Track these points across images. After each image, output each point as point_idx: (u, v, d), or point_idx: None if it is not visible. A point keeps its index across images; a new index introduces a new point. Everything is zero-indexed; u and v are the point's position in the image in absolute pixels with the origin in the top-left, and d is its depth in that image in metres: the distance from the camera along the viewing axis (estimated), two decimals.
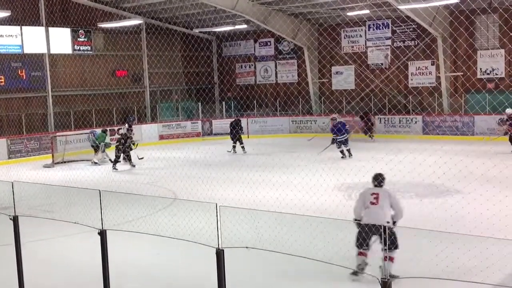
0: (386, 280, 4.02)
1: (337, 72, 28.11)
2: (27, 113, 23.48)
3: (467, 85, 22.97)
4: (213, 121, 27.88)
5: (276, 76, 30.25)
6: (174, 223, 8.93)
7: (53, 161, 19.66)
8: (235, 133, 21.20)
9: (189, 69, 29.32)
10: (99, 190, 5.23)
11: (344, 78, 27.93)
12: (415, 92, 25.27)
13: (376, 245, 6.85)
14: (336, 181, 13.67)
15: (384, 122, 25.20)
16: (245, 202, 11.19)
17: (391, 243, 6.65)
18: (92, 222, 5.13)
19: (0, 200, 8.94)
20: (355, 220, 7.61)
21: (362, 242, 7.21)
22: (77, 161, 20.04)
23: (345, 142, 19.03)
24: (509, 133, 18.73)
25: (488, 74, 23.72)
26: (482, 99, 22.96)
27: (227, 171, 16.53)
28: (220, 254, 4.62)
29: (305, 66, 28.02)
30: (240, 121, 22.09)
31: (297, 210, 10.44)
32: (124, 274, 6.62)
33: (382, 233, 6.07)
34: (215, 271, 4.68)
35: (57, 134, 21.91)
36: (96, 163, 19.44)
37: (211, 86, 31.65)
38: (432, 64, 25.13)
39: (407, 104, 25.48)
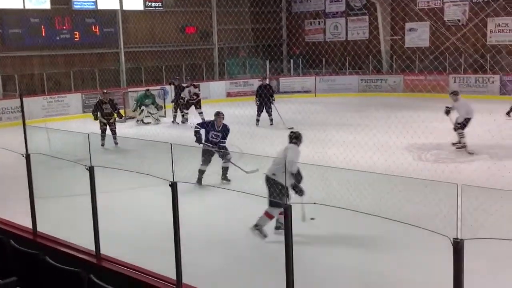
0: (458, 240, 3.67)
1: (410, 29, 27.03)
2: (100, 69, 24.14)
3: None
4: (280, 79, 27.70)
5: (346, 33, 29.47)
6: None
7: (124, 116, 20.20)
8: (263, 99, 17.80)
9: (258, 25, 28.98)
10: (170, 144, 5.27)
11: (418, 35, 26.83)
12: (493, 51, 23.98)
13: None
14: (407, 142, 13.30)
15: (459, 82, 24.14)
16: (312, 160, 11.09)
17: None
18: (163, 175, 5.20)
19: (76, 152, 9.31)
20: None
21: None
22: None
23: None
24: None
25: None
26: None
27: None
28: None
29: (377, 23, 27.09)
30: (269, 85, 18.80)
31: (365, 170, 10.26)
32: (191, 225, 6.79)
33: None
34: None
35: (129, 89, 22.44)
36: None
37: (280, 44, 31.27)
38: None
39: (484, 63, 24.24)
